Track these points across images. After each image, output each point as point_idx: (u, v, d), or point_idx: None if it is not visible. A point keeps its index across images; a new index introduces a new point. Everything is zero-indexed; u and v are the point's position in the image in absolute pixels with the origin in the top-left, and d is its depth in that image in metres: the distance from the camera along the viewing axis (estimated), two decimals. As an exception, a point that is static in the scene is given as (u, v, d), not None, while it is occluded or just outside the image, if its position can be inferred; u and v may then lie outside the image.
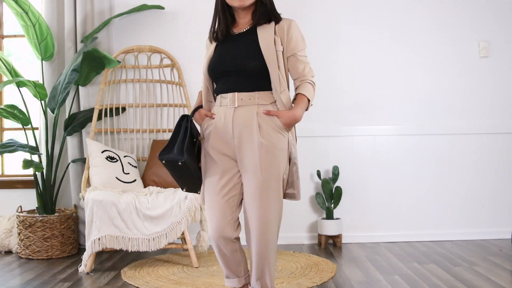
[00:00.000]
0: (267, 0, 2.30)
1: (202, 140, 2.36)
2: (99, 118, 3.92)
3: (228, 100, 2.28)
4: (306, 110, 2.31)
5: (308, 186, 4.10)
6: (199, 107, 2.42)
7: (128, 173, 3.67)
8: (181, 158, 2.21)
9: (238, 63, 2.25)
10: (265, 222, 2.25)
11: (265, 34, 2.25)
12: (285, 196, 2.35)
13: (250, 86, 2.25)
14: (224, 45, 2.33)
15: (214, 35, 2.36)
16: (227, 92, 2.28)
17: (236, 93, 2.26)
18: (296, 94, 2.30)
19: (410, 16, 4.12)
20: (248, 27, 2.31)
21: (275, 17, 2.30)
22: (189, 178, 2.33)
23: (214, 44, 2.37)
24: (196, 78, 4.06)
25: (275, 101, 2.26)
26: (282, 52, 2.26)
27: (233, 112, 2.26)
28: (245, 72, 2.25)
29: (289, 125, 2.26)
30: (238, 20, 2.35)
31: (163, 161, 2.26)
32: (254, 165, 2.22)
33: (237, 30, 2.34)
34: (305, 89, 2.27)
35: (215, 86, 2.39)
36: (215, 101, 2.37)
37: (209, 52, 2.38)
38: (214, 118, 2.31)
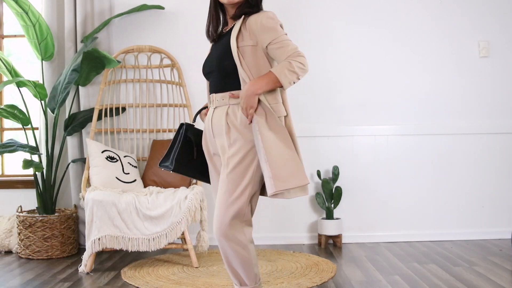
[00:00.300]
0: None
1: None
2: (99, 118, 3.92)
3: (210, 102, 2.34)
4: (282, 87, 2.16)
5: (308, 186, 4.09)
6: (204, 108, 2.46)
7: (128, 173, 3.67)
8: (170, 167, 2.33)
9: (214, 64, 2.26)
10: (224, 222, 2.17)
11: (233, 31, 2.21)
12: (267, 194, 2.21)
13: (224, 86, 2.24)
14: (214, 45, 2.36)
15: (208, 35, 2.37)
16: (210, 93, 2.33)
17: (214, 94, 2.29)
18: None
19: (410, 16, 4.12)
20: (232, 26, 2.28)
21: (251, 9, 2.22)
22: (195, 177, 2.44)
23: (212, 44, 2.40)
24: (196, 78, 4.06)
25: None
26: (254, 46, 2.18)
27: (212, 113, 2.30)
28: (220, 72, 2.24)
29: (247, 99, 2.12)
30: (228, 19, 2.33)
31: (162, 169, 2.40)
32: (223, 165, 2.22)
33: (226, 29, 2.33)
34: (276, 67, 2.15)
35: None
36: None
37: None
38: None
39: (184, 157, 2.35)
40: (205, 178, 2.44)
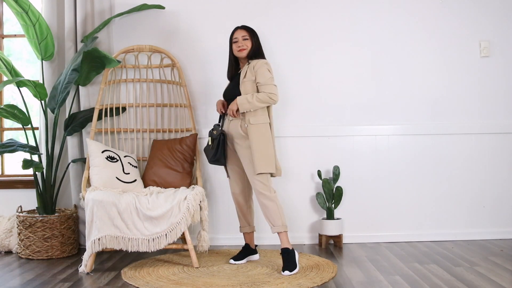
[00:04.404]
0: (256, 48, 3.44)
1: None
2: (99, 118, 3.91)
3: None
4: (238, 111, 3.37)
5: (308, 186, 4.10)
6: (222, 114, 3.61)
7: (128, 173, 3.67)
8: (223, 162, 3.53)
9: (232, 94, 3.45)
10: None
11: (242, 72, 3.43)
12: None
13: None
14: (231, 81, 3.54)
15: (228, 76, 3.59)
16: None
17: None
18: None
19: (410, 16, 4.12)
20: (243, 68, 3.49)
21: (255, 58, 3.42)
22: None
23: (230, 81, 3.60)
24: (196, 78, 4.06)
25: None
26: (253, 81, 3.36)
27: (229, 122, 3.48)
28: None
29: (232, 106, 3.42)
30: (241, 64, 3.53)
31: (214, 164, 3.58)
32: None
33: (239, 70, 3.51)
34: (242, 98, 3.35)
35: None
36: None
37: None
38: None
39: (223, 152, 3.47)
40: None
